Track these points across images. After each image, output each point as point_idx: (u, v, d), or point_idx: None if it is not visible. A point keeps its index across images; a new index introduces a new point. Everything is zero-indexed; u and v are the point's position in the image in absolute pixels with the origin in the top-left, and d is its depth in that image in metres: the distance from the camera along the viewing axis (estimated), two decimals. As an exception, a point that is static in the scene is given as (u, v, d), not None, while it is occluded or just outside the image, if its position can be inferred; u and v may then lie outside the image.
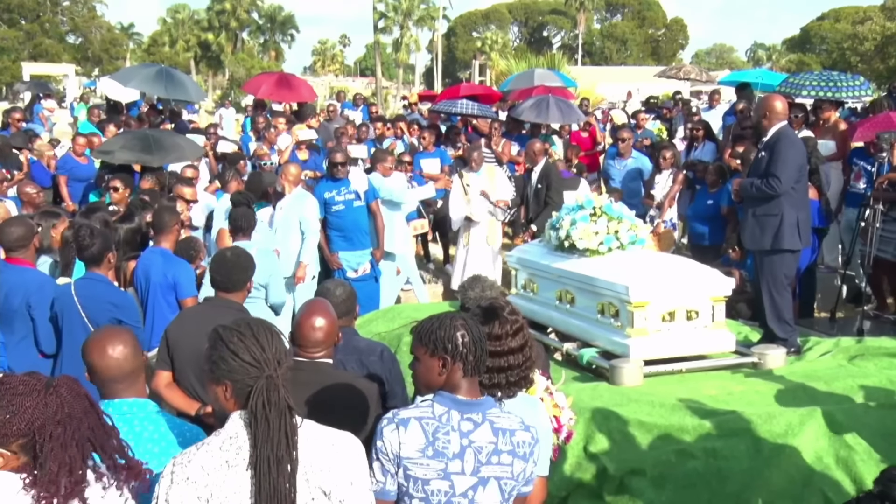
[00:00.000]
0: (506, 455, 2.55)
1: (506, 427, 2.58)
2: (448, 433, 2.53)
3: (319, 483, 2.19)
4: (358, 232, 7.84)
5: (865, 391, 4.82)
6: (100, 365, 2.77)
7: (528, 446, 2.58)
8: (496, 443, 2.55)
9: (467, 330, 2.59)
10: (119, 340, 2.78)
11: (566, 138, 12.04)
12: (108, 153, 8.47)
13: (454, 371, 2.57)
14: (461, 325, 2.59)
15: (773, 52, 75.18)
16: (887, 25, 37.81)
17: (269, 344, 2.23)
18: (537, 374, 3.48)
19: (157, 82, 12.96)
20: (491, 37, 67.14)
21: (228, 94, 41.61)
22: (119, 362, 2.76)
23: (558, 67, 24.01)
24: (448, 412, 2.56)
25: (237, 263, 4.31)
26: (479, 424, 2.56)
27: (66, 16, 56.00)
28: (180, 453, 2.23)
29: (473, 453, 2.53)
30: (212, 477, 2.14)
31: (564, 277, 5.86)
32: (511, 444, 2.56)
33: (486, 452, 2.53)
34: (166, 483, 2.16)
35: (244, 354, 2.20)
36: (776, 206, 5.73)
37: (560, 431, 3.44)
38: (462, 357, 2.56)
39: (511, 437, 2.57)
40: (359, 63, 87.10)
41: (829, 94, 9.64)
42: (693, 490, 4.16)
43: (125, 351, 2.77)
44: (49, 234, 5.58)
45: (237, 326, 2.27)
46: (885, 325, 7.56)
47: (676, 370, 5.35)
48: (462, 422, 2.55)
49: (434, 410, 2.56)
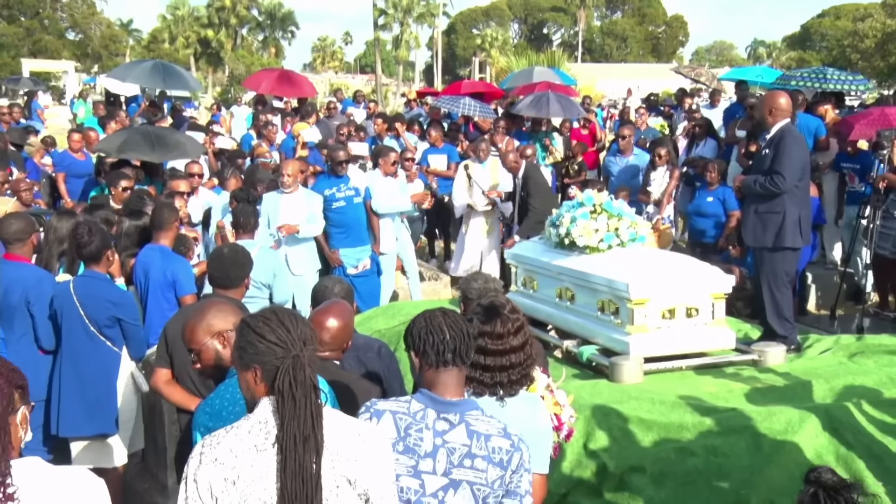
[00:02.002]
0: (480, 460, 2.48)
1: (482, 431, 2.51)
2: (421, 430, 2.49)
3: (345, 471, 2.20)
4: (358, 228, 7.84)
5: (865, 388, 4.82)
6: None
7: (505, 454, 2.50)
8: (470, 446, 2.49)
9: (427, 321, 2.57)
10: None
11: (566, 135, 12.02)
12: (109, 149, 8.46)
13: (423, 366, 2.56)
14: (421, 317, 2.59)
15: (774, 49, 75.23)
16: (888, 22, 37.77)
17: (293, 326, 2.26)
18: (538, 371, 3.47)
19: (154, 76, 13.18)
20: (491, 34, 67.10)
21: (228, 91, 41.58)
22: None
23: (558, 64, 24.01)
24: (424, 410, 2.52)
25: (235, 260, 4.30)
26: (454, 425, 2.51)
27: (66, 12, 55.95)
28: (210, 435, 2.26)
29: (446, 454, 2.48)
30: (239, 460, 2.16)
31: (564, 274, 5.86)
32: (486, 448, 2.49)
33: (459, 454, 2.48)
34: (195, 463, 2.19)
35: (270, 336, 2.24)
36: (779, 204, 5.72)
37: (561, 429, 3.44)
38: (419, 350, 2.56)
39: (486, 442, 2.49)
40: (359, 60, 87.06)
41: (818, 84, 9.61)
42: (693, 487, 4.15)
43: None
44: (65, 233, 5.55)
45: (262, 313, 2.33)
46: (885, 322, 7.56)
47: (676, 367, 5.35)
48: (437, 421, 2.50)
49: (410, 406, 2.53)
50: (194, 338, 3.08)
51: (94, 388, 4.72)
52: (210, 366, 3.09)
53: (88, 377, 4.72)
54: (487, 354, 2.81)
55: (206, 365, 3.10)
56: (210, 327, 3.06)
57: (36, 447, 4.95)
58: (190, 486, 2.17)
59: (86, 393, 4.70)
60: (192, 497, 2.17)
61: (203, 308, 3.17)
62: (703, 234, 8.45)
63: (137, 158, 8.26)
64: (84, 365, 4.74)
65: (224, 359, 3.02)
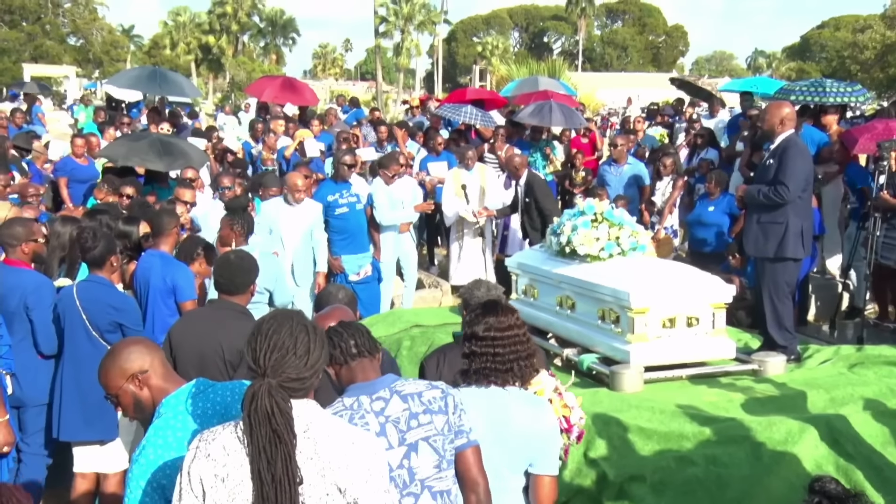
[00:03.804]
0: (423, 415, 2.68)
1: (412, 391, 2.72)
2: (364, 416, 2.64)
3: (336, 479, 2.20)
4: (360, 235, 7.86)
5: (865, 399, 4.82)
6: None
7: (440, 400, 2.71)
8: (409, 407, 2.68)
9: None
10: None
11: (566, 144, 12.04)
12: (115, 156, 8.47)
13: (337, 368, 2.77)
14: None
15: (773, 59, 75.38)
16: (887, 34, 37.80)
17: (270, 352, 2.27)
18: (545, 374, 3.51)
19: (150, 82, 13.38)
20: (492, 42, 67.24)
21: (229, 97, 41.61)
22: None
23: (559, 73, 24.06)
24: (357, 399, 2.69)
25: (241, 266, 4.33)
26: (388, 400, 2.69)
27: (68, 18, 55.92)
28: (208, 430, 2.27)
29: (393, 425, 2.66)
30: (231, 458, 2.18)
31: (565, 283, 5.87)
32: (422, 404, 2.69)
33: (404, 420, 2.67)
34: (190, 456, 2.22)
35: (254, 354, 2.30)
36: (781, 215, 5.73)
37: (571, 431, 3.48)
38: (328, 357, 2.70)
39: (420, 398, 2.70)
40: (359, 67, 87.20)
41: (818, 98, 9.65)
42: (693, 497, 4.15)
43: None
44: (67, 239, 5.56)
45: (271, 327, 2.32)
46: (884, 333, 7.56)
47: (677, 377, 5.35)
48: (373, 402, 2.68)
49: (344, 402, 2.69)
50: (108, 382, 2.73)
51: (95, 393, 4.71)
52: (131, 411, 2.76)
53: (89, 382, 4.69)
54: (497, 343, 2.97)
55: (127, 410, 2.78)
56: (123, 371, 2.70)
57: (37, 451, 4.97)
58: (184, 478, 2.21)
59: (87, 398, 4.69)
60: (185, 489, 2.20)
61: (115, 349, 2.81)
62: (704, 244, 8.46)
63: (143, 166, 8.27)
64: (85, 369, 4.73)
65: (144, 402, 2.69)
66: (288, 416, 2.17)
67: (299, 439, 2.19)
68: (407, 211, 8.49)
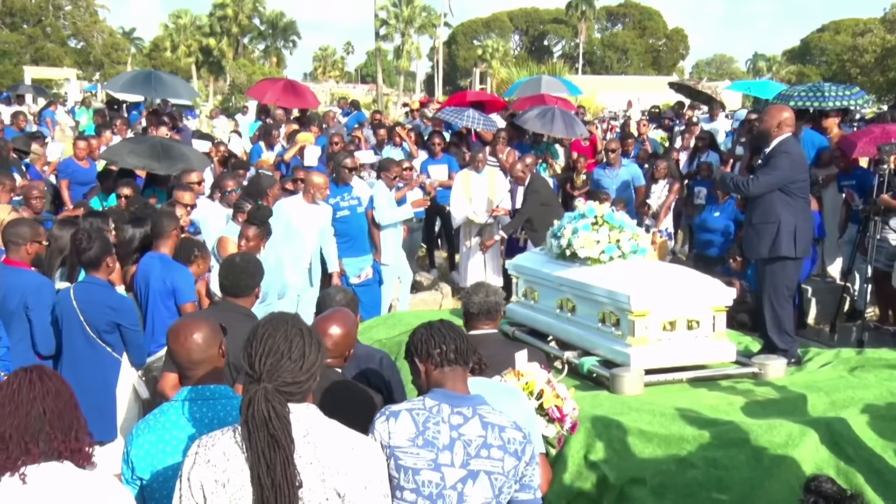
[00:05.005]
0: (496, 450, 2.58)
1: (496, 422, 2.62)
2: (438, 423, 2.58)
3: (335, 485, 2.21)
4: (361, 238, 7.88)
5: (866, 402, 4.82)
6: (178, 350, 2.92)
7: (518, 444, 2.61)
8: (485, 436, 2.59)
9: (428, 328, 2.81)
10: (196, 328, 2.93)
11: (567, 147, 12.05)
12: (115, 158, 8.47)
13: (430, 368, 2.75)
14: (421, 327, 2.85)
15: (774, 63, 75.40)
16: (887, 38, 37.81)
17: (265, 356, 2.28)
18: (538, 366, 3.54)
19: (146, 85, 13.46)
20: (492, 45, 67.27)
21: (229, 100, 41.62)
22: (197, 347, 2.91)
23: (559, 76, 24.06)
24: (438, 405, 2.63)
25: (245, 269, 4.38)
26: (468, 418, 2.61)
27: (69, 20, 55.97)
28: (206, 435, 2.28)
29: (463, 446, 2.57)
30: (231, 463, 2.18)
31: (565, 285, 5.86)
32: (501, 439, 2.60)
33: (476, 445, 2.57)
34: (189, 463, 2.22)
35: (249, 358, 2.30)
36: (773, 214, 5.73)
37: (564, 420, 3.50)
38: (424, 354, 2.76)
39: (501, 433, 2.61)
40: (359, 70, 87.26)
41: (817, 103, 9.66)
42: (693, 499, 4.14)
43: (200, 337, 2.91)
44: (66, 242, 5.55)
45: (267, 331, 2.33)
46: (885, 336, 7.56)
47: (677, 380, 5.35)
48: (452, 415, 2.61)
49: (425, 403, 2.64)
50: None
51: (93, 395, 4.72)
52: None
53: (88, 383, 4.71)
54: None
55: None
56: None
57: (36, 453, 4.96)
58: (183, 484, 2.21)
59: (85, 399, 4.66)
60: (185, 495, 2.20)
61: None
62: (709, 247, 8.50)
63: (143, 169, 8.27)
64: (84, 371, 4.74)
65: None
66: (285, 420, 2.18)
67: (299, 444, 2.19)
68: (405, 208, 8.50)
